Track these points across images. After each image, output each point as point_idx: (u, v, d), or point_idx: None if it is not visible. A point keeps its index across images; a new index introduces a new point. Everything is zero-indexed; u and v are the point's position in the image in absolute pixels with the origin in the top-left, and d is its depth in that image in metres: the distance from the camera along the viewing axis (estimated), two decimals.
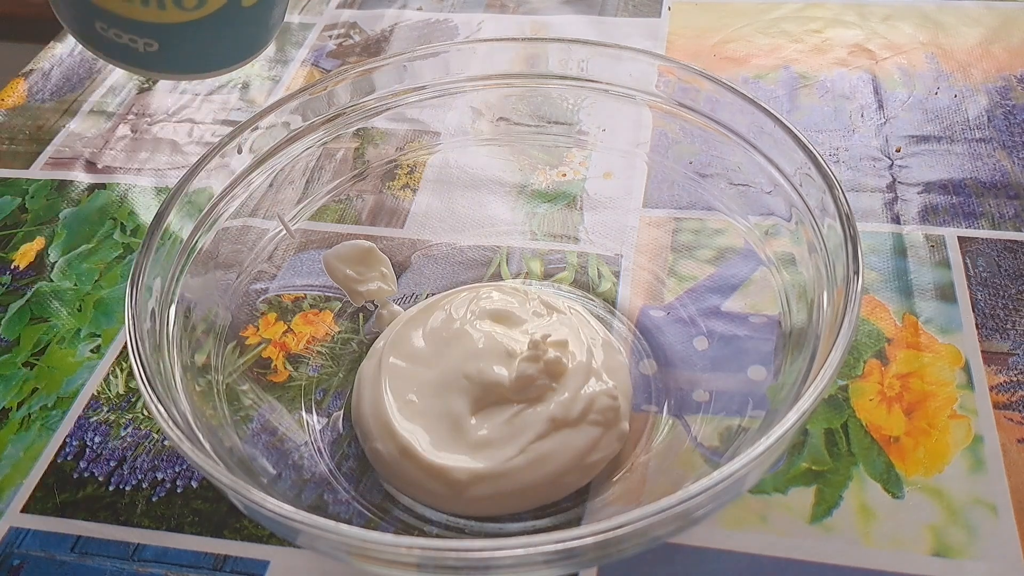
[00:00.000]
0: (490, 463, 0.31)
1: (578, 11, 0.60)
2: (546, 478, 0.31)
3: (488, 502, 0.31)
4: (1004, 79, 0.50)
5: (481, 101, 0.40)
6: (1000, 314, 0.37)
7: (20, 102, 0.57)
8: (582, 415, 0.32)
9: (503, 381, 0.33)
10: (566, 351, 0.34)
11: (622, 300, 0.39)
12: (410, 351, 0.35)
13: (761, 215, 0.35)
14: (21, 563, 0.33)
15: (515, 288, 0.38)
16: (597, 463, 0.32)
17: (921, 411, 0.34)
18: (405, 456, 0.32)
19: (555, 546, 0.22)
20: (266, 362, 0.37)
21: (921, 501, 0.31)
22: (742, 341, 0.35)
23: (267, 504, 0.23)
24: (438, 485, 0.31)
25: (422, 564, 0.23)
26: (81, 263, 0.45)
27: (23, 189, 0.50)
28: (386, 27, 0.60)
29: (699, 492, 0.22)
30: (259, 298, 0.39)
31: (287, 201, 0.38)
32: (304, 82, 0.56)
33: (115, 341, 0.41)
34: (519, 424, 0.32)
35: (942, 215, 0.42)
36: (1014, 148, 0.46)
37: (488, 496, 0.31)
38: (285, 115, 0.36)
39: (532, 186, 0.44)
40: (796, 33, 0.56)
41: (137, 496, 0.34)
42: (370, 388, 0.34)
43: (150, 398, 0.26)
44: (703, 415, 0.34)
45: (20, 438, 0.37)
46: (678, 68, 0.35)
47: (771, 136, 0.32)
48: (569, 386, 0.33)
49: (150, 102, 0.56)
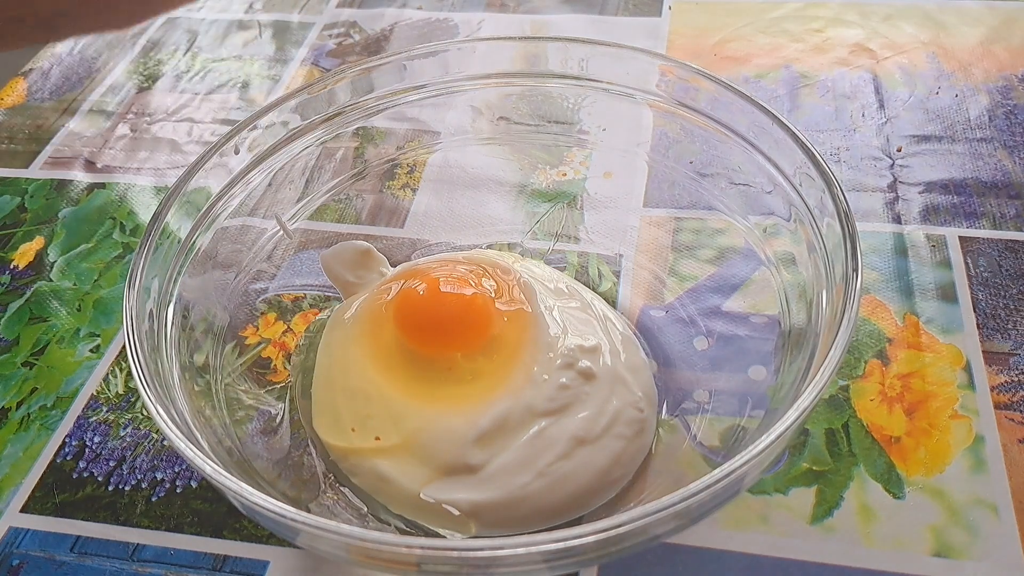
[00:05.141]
0: (501, 491, 0.30)
1: (578, 10, 0.60)
2: (566, 499, 0.30)
3: (500, 529, 0.30)
4: (1005, 79, 0.50)
5: (481, 100, 0.40)
6: (1001, 314, 0.37)
7: (19, 101, 0.57)
8: (606, 429, 0.31)
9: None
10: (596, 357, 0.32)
11: (622, 300, 0.39)
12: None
13: (761, 215, 0.35)
14: (20, 563, 0.33)
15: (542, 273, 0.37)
16: (620, 479, 0.31)
17: (922, 411, 0.34)
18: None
19: (555, 545, 0.22)
20: (266, 362, 0.37)
21: (922, 501, 0.31)
22: (742, 341, 0.35)
23: (267, 504, 0.23)
24: (444, 520, 0.30)
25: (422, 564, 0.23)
26: (80, 263, 0.45)
27: (22, 188, 0.50)
28: (386, 26, 0.60)
29: (699, 491, 0.22)
30: (258, 298, 0.39)
31: (286, 200, 0.38)
32: (304, 81, 0.55)
33: (114, 341, 0.41)
34: (539, 444, 0.30)
35: (943, 215, 0.42)
36: (1015, 148, 0.46)
37: (499, 523, 0.30)
38: (284, 114, 0.36)
39: (532, 185, 0.44)
40: (797, 32, 0.55)
41: (136, 496, 0.34)
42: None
43: (148, 398, 0.26)
44: (703, 415, 0.33)
45: (19, 438, 0.37)
46: (679, 67, 0.35)
47: (771, 136, 0.32)
48: (595, 398, 0.31)
49: (149, 101, 0.56)
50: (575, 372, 0.32)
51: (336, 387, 0.33)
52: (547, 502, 0.30)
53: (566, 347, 0.32)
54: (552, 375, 0.31)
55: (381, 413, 0.31)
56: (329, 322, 0.36)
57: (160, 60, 0.60)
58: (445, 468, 0.30)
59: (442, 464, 0.30)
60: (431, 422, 0.31)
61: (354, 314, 0.35)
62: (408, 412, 0.31)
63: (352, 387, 0.33)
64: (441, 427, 0.31)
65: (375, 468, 0.31)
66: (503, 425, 0.30)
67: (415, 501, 0.30)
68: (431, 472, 0.30)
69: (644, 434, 0.32)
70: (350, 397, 0.32)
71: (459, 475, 0.30)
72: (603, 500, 0.31)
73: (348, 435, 0.32)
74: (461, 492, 0.30)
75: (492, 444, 0.30)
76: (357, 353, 0.33)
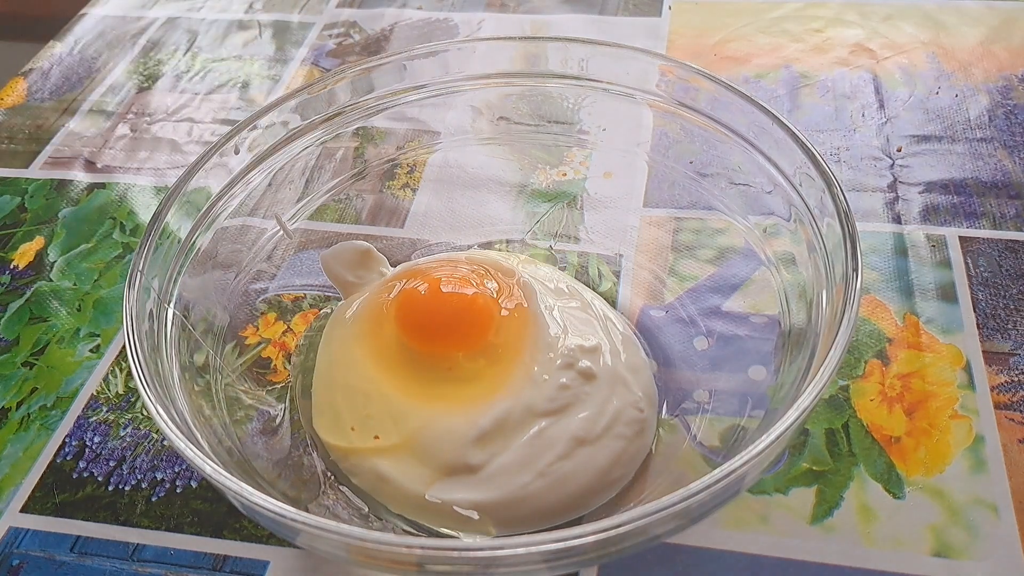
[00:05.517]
0: (502, 491, 0.30)
1: (578, 10, 0.60)
2: (566, 499, 0.30)
3: (501, 529, 0.30)
4: (1005, 79, 0.50)
5: (481, 100, 0.40)
6: (1001, 314, 0.37)
7: (19, 101, 0.57)
8: (606, 429, 0.31)
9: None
10: (597, 357, 0.32)
11: (622, 300, 0.39)
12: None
13: (761, 215, 0.35)
14: (20, 563, 0.33)
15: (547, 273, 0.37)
16: (620, 479, 0.31)
17: (922, 411, 0.34)
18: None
19: (555, 545, 0.22)
20: (266, 362, 0.37)
21: (922, 501, 0.31)
22: (742, 341, 0.35)
23: (267, 504, 0.23)
24: (447, 520, 0.30)
25: (422, 564, 0.23)
26: (80, 263, 0.45)
27: (22, 188, 0.50)
28: (386, 26, 0.60)
29: (699, 490, 0.22)
30: (258, 298, 0.39)
31: (286, 200, 0.38)
32: (304, 81, 0.56)
33: (114, 341, 0.41)
34: (539, 444, 0.30)
35: (943, 215, 0.42)
36: (1015, 148, 0.46)
37: (499, 523, 0.30)
38: (284, 114, 0.36)
39: (532, 185, 0.44)
40: (797, 32, 0.55)
41: (136, 496, 0.34)
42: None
43: (148, 398, 0.26)
44: (703, 415, 0.33)
45: (19, 438, 0.37)
46: (678, 67, 0.35)
47: (771, 136, 0.32)
48: (595, 398, 0.31)
49: (149, 101, 0.56)
50: (575, 372, 0.32)
51: (336, 386, 0.33)
52: (547, 502, 0.30)
53: (566, 347, 0.32)
54: (552, 375, 0.31)
55: (381, 412, 0.31)
56: (329, 322, 0.36)
57: (160, 60, 0.60)
58: (445, 468, 0.30)
59: (442, 464, 0.30)
60: (431, 422, 0.31)
61: (355, 313, 0.35)
62: (408, 412, 0.31)
63: (352, 386, 0.33)
64: (441, 427, 0.31)
65: (375, 468, 0.31)
66: (503, 425, 0.30)
67: (415, 501, 0.30)
68: (431, 472, 0.30)
69: (644, 434, 0.32)
70: (350, 396, 0.32)
71: (459, 475, 0.30)
72: (603, 500, 0.31)
73: (348, 434, 0.32)
74: (461, 492, 0.30)
75: (492, 444, 0.30)
76: (358, 352, 0.33)
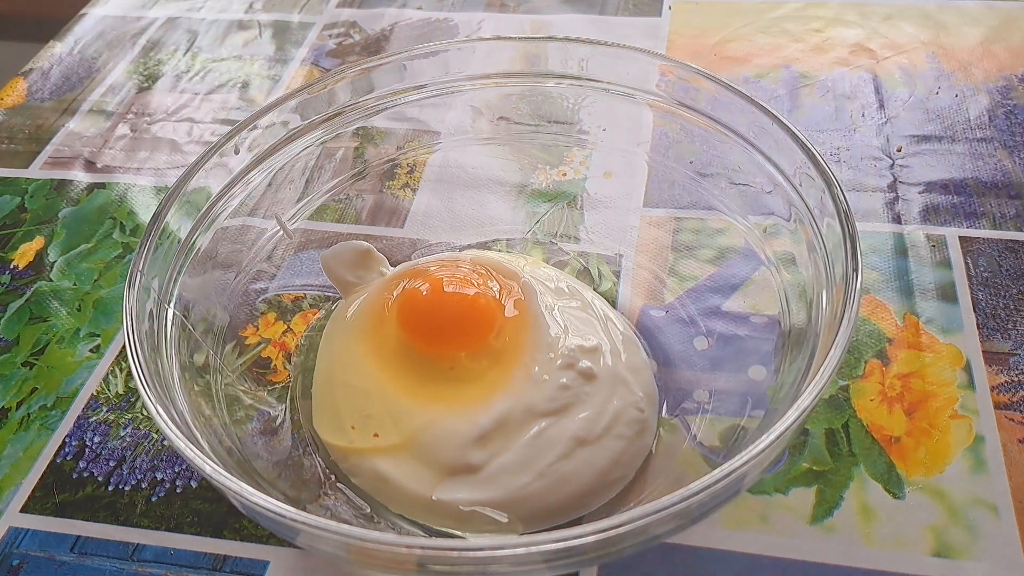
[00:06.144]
0: (501, 491, 0.30)
1: (578, 10, 0.60)
2: (566, 499, 0.30)
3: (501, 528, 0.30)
4: (1005, 79, 0.50)
5: (481, 100, 0.40)
6: (1001, 314, 0.37)
7: (19, 101, 0.57)
8: (607, 430, 0.31)
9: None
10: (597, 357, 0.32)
11: (622, 300, 0.39)
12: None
13: (761, 215, 0.35)
14: (20, 563, 0.33)
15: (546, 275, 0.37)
16: (620, 479, 0.31)
17: (922, 411, 0.34)
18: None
19: (555, 545, 0.22)
20: (266, 362, 0.37)
21: (922, 501, 0.31)
22: (742, 341, 0.35)
23: (267, 504, 0.23)
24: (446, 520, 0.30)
25: (423, 564, 0.23)
26: (80, 263, 0.45)
27: (22, 188, 0.50)
28: (386, 26, 0.60)
29: (698, 490, 0.22)
30: (258, 298, 0.39)
31: (286, 200, 0.38)
32: (304, 81, 0.56)
33: (114, 341, 0.41)
34: (540, 444, 0.30)
35: (943, 215, 0.42)
36: (1015, 148, 0.46)
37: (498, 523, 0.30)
38: (284, 114, 0.36)
39: (532, 185, 0.44)
40: (797, 32, 0.55)
41: (136, 496, 0.34)
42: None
43: (148, 398, 0.26)
44: (703, 415, 0.34)
45: (19, 438, 0.37)
46: (678, 67, 0.35)
47: (771, 136, 0.32)
48: (595, 398, 0.31)
49: (149, 101, 0.56)
50: (576, 372, 0.32)
51: (336, 385, 0.33)
52: (547, 502, 0.30)
53: (567, 347, 0.32)
54: (553, 375, 0.31)
55: (381, 411, 0.31)
56: (330, 321, 0.36)
57: (160, 60, 0.60)
58: (445, 468, 0.30)
59: (442, 464, 0.30)
60: (431, 422, 0.31)
61: (356, 313, 0.35)
62: (408, 411, 0.31)
63: (352, 385, 0.33)
64: (441, 427, 0.31)
65: (375, 468, 0.31)
66: (503, 425, 0.30)
67: (415, 501, 0.30)
68: (431, 472, 0.30)
69: (644, 434, 0.32)
70: (350, 395, 0.32)
71: (459, 475, 0.30)
72: (603, 500, 0.31)
73: (348, 434, 0.32)
74: (461, 492, 0.30)
75: (492, 444, 0.30)
76: (358, 351, 0.33)
